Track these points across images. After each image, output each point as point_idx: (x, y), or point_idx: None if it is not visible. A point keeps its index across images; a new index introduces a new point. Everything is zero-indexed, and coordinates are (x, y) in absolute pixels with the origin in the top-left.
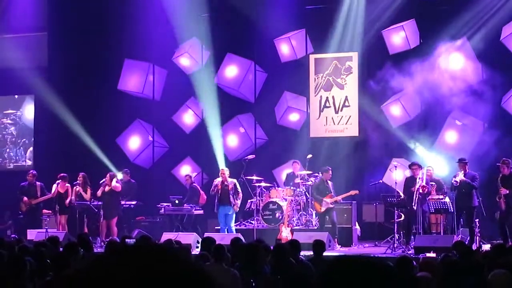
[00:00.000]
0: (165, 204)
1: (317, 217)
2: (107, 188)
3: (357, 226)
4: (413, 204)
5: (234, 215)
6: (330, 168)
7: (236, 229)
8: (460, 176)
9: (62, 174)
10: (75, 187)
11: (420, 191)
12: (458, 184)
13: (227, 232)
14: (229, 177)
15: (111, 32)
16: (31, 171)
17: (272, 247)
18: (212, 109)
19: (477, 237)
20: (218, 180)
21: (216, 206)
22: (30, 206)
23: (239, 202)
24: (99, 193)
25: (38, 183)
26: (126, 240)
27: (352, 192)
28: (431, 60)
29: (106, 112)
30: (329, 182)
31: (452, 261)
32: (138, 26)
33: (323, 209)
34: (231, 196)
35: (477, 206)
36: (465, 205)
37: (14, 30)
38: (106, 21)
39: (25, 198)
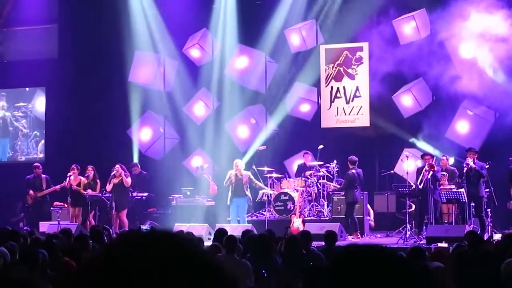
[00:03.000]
0: (176, 195)
1: (328, 208)
2: (116, 180)
3: (370, 217)
4: (421, 183)
5: (246, 207)
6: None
7: (247, 220)
8: (470, 162)
9: (73, 166)
10: (84, 180)
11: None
12: (468, 167)
13: (239, 223)
14: (243, 169)
15: (122, 24)
16: (36, 163)
17: (283, 238)
18: (223, 100)
19: (489, 227)
20: (232, 173)
21: (229, 198)
22: (36, 198)
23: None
24: (108, 187)
25: (43, 175)
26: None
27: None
28: (442, 49)
29: (117, 104)
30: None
31: (464, 251)
32: (149, 17)
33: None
34: (245, 189)
35: (485, 196)
36: (473, 195)
37: (25, 23)
38: (116, 13)
39: (31, 191)
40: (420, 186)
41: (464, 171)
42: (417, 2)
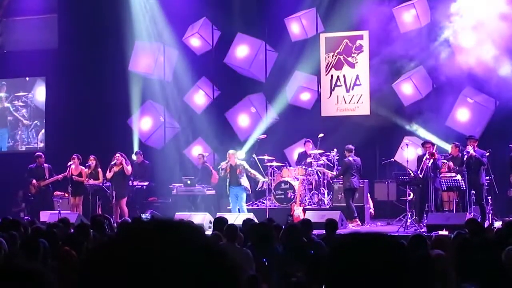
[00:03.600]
0: (177, 184)
1: (329, 196)
2: (117, 169)
3: (370, 205)
4: (422, 171)
5: (245, 195)
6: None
7: (248, 209)
8: (471, 150)
9: (74, 155)
10: (86, 169)
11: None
12: (469, 155)
13: (239, 211)
14: (238, 159)
15: (121, 13)
16: (38, 153)
17: (283, 226)
18: (223, 89)
19: (490, 215)
20: (225, 163)
21: (227, 188)
22: (39, 188)
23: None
24: (109, 175)
25: (45, 165)
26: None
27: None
28: (442, 38)
29: (117, 94)
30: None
31: (465, 238)
32: (148, 6)
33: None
34: (240, 178)
35: (486, 184)
36: (473, 183)
37: (24, 13)
38: (116, 2)
39: (34, 181)
40: (421, 175)
41: (465, 159)
42: None
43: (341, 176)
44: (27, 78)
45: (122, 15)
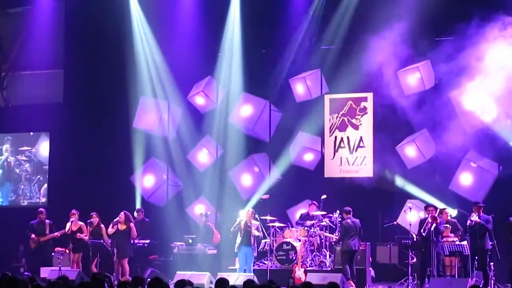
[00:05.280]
0: (178, 243)
1: (331, 258)
2: (121, 227)
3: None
4: (425, 233)
5: (253, 258)
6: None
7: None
8: (475, 218)
9: (73, 211)
10: (88, 226)
11: (432, 228)
12: (472, 224)
13: (246, 271)
14: (253, 218)
15: (127, 70)
16: (40, 209)
17: None
18: (226, 148)
19: (492, 281)
20: (242, 219)
21: (237, 246)
22: (39, 243)
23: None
24: (111, 231)
25: (47, 221)
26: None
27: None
28: (446, 101)
29: (121, 150)
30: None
31: None
32: (154, 64)
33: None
34: (252, 237)
35: (491, 249)
36: (478, 248)
37: (31, 67)
38: (122, 58)
39: (33, 235)
40: (424, 234)
41: (468, 224)
42: (422, 53)
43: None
44: (31, 133)
45: (127, 71)
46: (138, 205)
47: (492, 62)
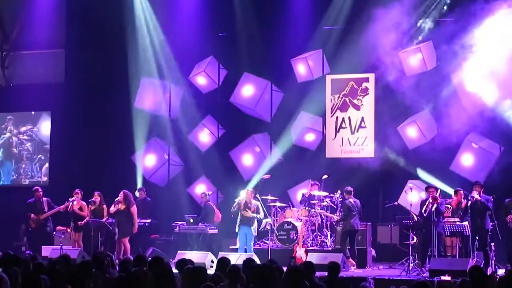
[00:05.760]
0: (179, 222)
1: (332, 238)
2: (122, 207)
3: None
4: (426, 214)
5: (253, 237)
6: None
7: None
8: (476, 195)
9: (77, 191)
10: (90, 205)
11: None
12: (473, 201)
13: (246, 251)
14: (253, 198)
15: (128, 50)
16: (36, 187)
17: (285, 268)
18: (228, 128)
19: (493, 261)
20: (241, 199)
21: (237, 225)
22: (39, 221)
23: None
24: (112, 210)
25: (44, 198)
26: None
27: None
28: (448, 82)
29: (122, 130)
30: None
31: (469, 287)
32: (156, 44)
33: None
34: (251, 218)
35: (491, 230)
36: (479, 228)
37: (32, 47)
38: (123, 38)
39: (32, 215)
40: (425, 215)
41: (469, 204)
42: (424, 34)
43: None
44: (33, 112)
45: (129, 51)
46: (139, 185)
47: (494, 43)
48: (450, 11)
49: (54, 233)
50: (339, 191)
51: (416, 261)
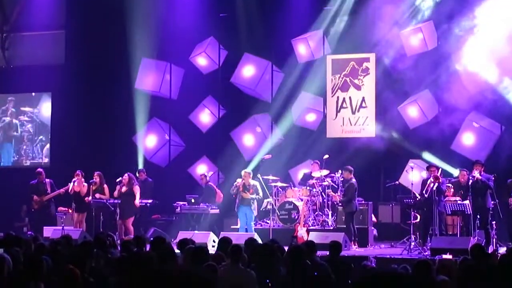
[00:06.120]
0: (181, 202)
1: (333, 217)
2: (124, 189)
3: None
4: (427, 194)
5: (253, 215)
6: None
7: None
8: (476, 174)
9: (77, 172)
10: (91, 186)
11: (434, 188)
12: (474, 180)
13: (247, 231)
14: (251, 179)
15: (129, 31)
16: (39, 169)
17: (287, 248)
18: (228, 108)
19: (494, 240)
20: (239, 182)
21: (236, 206)
22: (42, 203)
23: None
24: (115, 193)
25: (47, 180)
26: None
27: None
28: (448, 62)
29: (123, 111)
30: (349, 181)
31: (471, 265)
32: (156, 25)
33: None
34: (251, 199)
35: (492, 208)
36: (480, 207)
37: (32, 28)
38: (124, 19)
39: (35, 197)
40: (426, 195)
41: (470, 183)
42: (424, 14)
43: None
44: (33, 93)
45: (129, 32)
46: (140, 166)
47: (495, 22)
48: None
49: (56, 213)
50: (340, 171)
51: (418, 240)
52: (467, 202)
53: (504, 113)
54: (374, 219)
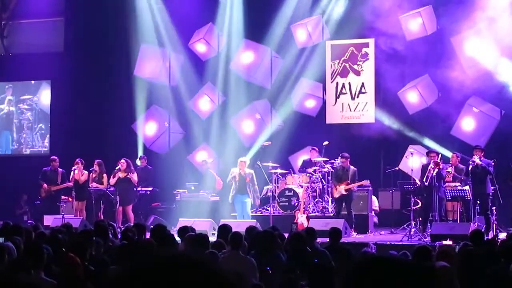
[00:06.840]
0: (181, 190)
1: (333, 204)
2: (122, 175)
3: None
4: (427, 180)
5: (249, 202)
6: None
7: (252, 216)
8: (477, 159)
9: (77, 160)
10: (91, 174)
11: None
12: (475, 165)
13: (244, 218)
14: (247, 167)
15: (128, 18)
16: (53, 156)
17: (287, 235)
18: (228, 95)
19: (494, 225)
20: (235, 171)
21: (232, 195)
22: (50, 192)
23: (256, 196)
24: (112, 181)
25: (60, 170)
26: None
27: (363, 182)
28: (448, 46)
29: (122, 98)
30: (351, 168)
31: (471, 251)
32: (155, 11)
33: (336, 195)
34: (247, 187)
35: (492, 194)
36: (479, 192)
37: (31, 16)
38: (122, 6)
39: (45, 185)
40: (426, 183)
41: (470, 168)
42: None
43: (338, 185)
44: (33, 81)
45: (128, 19)
46: (140, 153)
47: (495, 6)
48: None
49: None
50: (339, 157)
51: (418, 226)
52: (467, 187)
53: (503, 97)
54: (377, 206)
